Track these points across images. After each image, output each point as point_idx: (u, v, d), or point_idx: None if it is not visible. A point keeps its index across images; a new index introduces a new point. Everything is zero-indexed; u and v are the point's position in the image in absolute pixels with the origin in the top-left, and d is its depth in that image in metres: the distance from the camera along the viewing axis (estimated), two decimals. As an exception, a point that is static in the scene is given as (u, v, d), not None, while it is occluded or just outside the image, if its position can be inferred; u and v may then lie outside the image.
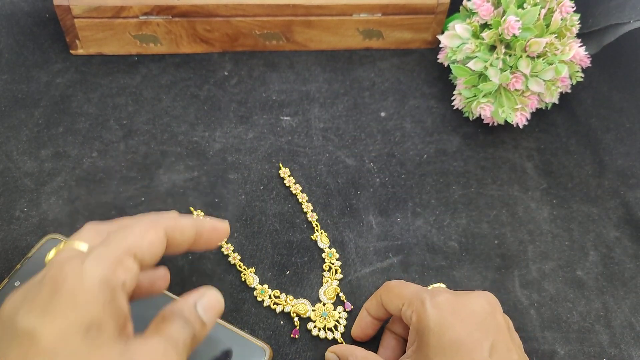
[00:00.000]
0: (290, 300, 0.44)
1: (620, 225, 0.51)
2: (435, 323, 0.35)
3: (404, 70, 0.60)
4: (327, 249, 0.47)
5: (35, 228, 0.46)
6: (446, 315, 0.35)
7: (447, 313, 0.35)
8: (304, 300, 0.44)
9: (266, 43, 0.59)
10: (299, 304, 0.43)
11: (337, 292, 0.44)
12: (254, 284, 0.44)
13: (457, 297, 0.36)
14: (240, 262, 0.45)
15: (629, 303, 0.46)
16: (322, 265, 0.46)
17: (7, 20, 0.58)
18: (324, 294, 0.44)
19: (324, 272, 0.45)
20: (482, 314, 0.36)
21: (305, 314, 0.43)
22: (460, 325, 0.35)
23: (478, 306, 0.36)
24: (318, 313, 0.43)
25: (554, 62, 0.50)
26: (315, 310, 0.43)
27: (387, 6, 0.57)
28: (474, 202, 0.51)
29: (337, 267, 0.46)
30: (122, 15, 0.54)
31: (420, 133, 0.55)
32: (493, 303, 0.37)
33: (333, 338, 0.42)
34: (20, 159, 0.50)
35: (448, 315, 0.35)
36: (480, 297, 0.37)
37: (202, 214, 0.48)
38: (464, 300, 0.36)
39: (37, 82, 0.55)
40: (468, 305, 0.36)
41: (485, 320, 0.35)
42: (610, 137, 0.57)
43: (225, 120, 0.54)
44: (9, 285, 0.41)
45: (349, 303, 0.44)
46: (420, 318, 0.36)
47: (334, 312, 0.43)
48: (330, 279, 0.45)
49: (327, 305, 0.44)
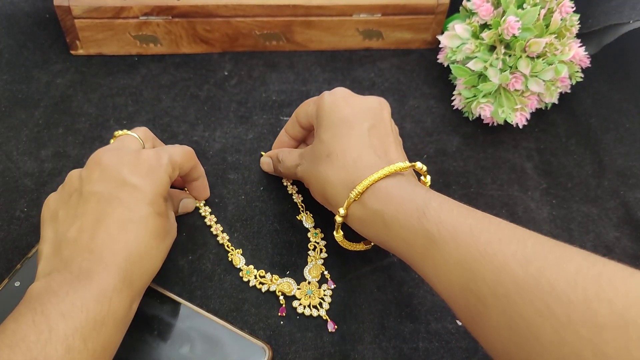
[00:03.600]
0: (275, 280, 0.44)
1: (620, 225, 0.51)
2: (329, 105, 0.42)
3: (404, 70, 0.60)
4: (312, 229, 0.47)
5: (35, 228, 0.46)
6: (339, 101, 0.42)
7: (340, 100, 0.42)
8: (289, 279, 0.45)
9: (266, 43, 0.59)
10: (284, 283, 0.44)
11: (322, 271, 0.45)
12: (240, 264, 0.45)
13: (352, 93, 0.43)
14: (229, 243, 0.46)
15: (629, 303, 0.46)
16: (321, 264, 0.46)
17: (7, 20, 0.59)
18: (308, 273, 0.45)
19: (309, 252, 0.46)
20: (369, 106, 0.42)
21: (290, 292, 0.44)
22: (348, 108, 0.41)
23: (368, 101, 0.42)
24: (303, 291, 0.44)
25: (554, 62, 0.50)
26: (301, 288, 0.44)
27: (387, 6, 0.57)
28: (474, 202, 0.51)
29: (322, 247, 0.46)
30: (122, 15, 0.54)
31: (420, 133, 0.55)
32: (383, 103, 0.43)
33: (318, 315, 0.43)
34: (20, 159, 0.50)
35: (340, 101, 0.42)
36: (372, 97, 0.43)
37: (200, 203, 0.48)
38: (358, 96, 0.43)
39: (37, 82, 0.55)
40: (360, 98, 0.43)
41: (371, 110, 0.42)
42: (610, 137, 0.57)
43: (225, 120, 0.54)
44: (9, 285, 0.41)
45: (332, 281, 0.45)
46: (319, 106, 0.43)
47: (318, 289, 0.44)
48: (314, 258, 0.46)
49: (312, 283, 0.44)
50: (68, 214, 0.37)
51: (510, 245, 0.31)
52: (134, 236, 0.36)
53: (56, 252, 0.35)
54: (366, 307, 0.43)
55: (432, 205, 0.35)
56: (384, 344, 0.42)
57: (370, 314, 0.43)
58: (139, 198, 0.37)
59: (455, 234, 0.33)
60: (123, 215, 0.36)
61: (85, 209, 0.36)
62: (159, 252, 0.38)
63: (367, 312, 0.43)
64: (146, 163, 0.38)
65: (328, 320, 0.43)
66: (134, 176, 0.37)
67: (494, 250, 0.31)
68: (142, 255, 0.36)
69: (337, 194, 0.39)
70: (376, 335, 0.43)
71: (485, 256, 0.31)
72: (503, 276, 0.30)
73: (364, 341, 0.42)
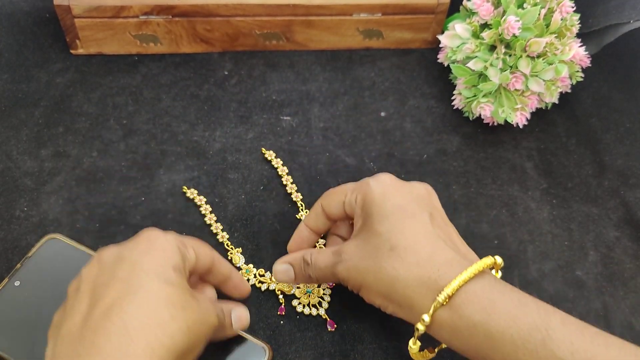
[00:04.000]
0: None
1: (620, 225, 0.51)
2: (379, 194, 0.38)
3: (404, 70, 0.60)
4: None
5: (35, 228, 0.46)
6: (389, 188, 0.39)
7: (389, 187, 0.39)
8: None
9: (266, 43, 0.59)
10: None
11: None
12: (239, 263, 0.45)
13: (398, 180, 0.40)
14: (228, 242, 0.46)
15: (629, 303, 0.46)
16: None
17: (7, 20, 0.58)
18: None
19: None
20: (420, 194, 0.39)
21: (289, 291, 0.44)
22: (401, 196, 0.38)
23: (416, 188, 0.40)
24: (302, 290, 0.44)
25: (554, 62, 0.50)
26: (300, 287, 0.44)
27: (387, 6, 0.57)
28: (474, 202, 0.51)
29: (322, 245, 0.46)
30: (122, 15, 0.54)
31: (420, 133, 0.55)
32: (430, 190, 0.40)
33: (317, 314, 0.43)
34: (20, 159, 0.50)
35: (390, 188, 0.39)
36: (418, 184, 0.40)
37: (196, 192, 0.48)
38: (404, 183, 0.40)
39: (37, 81, 0.55)
40: (407, 186, 0.40)
41: (423, 198, 0.39)
42: (610, 137, 0.57)
43: (225, 120, 0.54)
44: (9, 285, 0.41)
45: None
46: (365, 194, 0.39)
47: (318, 288, 0.44)
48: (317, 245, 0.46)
49: None
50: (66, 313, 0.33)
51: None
52: (135, 306, 0.31)
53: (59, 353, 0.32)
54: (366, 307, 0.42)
55: (554, 324, 0.31)
56: (384, 344, 0.42)
57: (371, 313, 0.43)
58: (137, 270, 0.32)
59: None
60: (122, 290, 0.32)
61: (84, 298, 0.33)
62: (174, 321, 0.31)
63: (367, 311, 0.43)
64: (144, 238, 0.35)
65: (327, 320, 0.43)
66: (132, 253, 0.34)
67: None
68: (151, 325, 0.31)
69: (413, 295, 0.35)
70: (376, 334, 0.43)
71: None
72: None
73: (364, 340, 0.42)
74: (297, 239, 0.44)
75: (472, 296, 0.33)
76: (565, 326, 0.31)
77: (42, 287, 0.41)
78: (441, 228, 0.37)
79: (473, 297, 0.33)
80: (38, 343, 0.38)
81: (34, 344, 0.38)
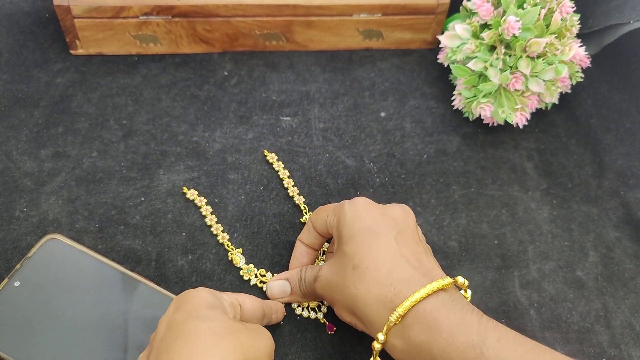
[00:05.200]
0: None
1: (620, 226, 0.51)
2: (350, 216, 0.39)
3: (404, 70, 0.60)
4: None
5: (35, 228, 0.46)
6: (360, 210, 0.39)
7: (362, 209, 0.39)
8: None
9: (266, 43, 0.59)
10: None
11: None
12: (240, 263, 0.45)
13: (373, 202, 0.40)
14: (229, 242, 0.46)
15: (629, 303, 0.46)
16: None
17: (7, 20, 0.58)
18: None
19: None
20: (393, 215, 0.39)
21: None
22: (371, 217, 0.38)
23: (390, 210, 0.40)
24: None
25: (554, 63, 0.50)
26: None
27: (387, 6, 0.57)
28: (474, 202, 0.51)
29: (324, 248, 0.46)
30: (122, 15, 0.54)
31: (420, 133, 0.55)
32: (406, 211, 0.40)
33: (316, 317, 0.43)
34: (20, 159, 0.50)
35: (362, 210, 0.39)
36: (395, 206, 0.40)
37: (196, 192, 0.48)
38: (380, 205, 0.40)
39: (37, 82, 0.55)
40: (382, 207, 0.40)
41: (394, 219, 0.39)
42: (610, 137, 0.57)
43: (225, 120, 0.54)
44: (9, 285, 0.41)
45: None
46: (339, 216, 0.40)
47: None
48: (317, 260, 0.46)
49: None
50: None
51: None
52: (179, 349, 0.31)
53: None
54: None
55: (490, 342, 0.32)
56: (384, 344, 0.42)
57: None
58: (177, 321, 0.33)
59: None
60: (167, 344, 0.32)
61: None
62: (220, 350, 0.31)
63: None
64: (179, 298, 0.35)
65: (326, 323, 0.43)
66: (172, 313, 0.34)
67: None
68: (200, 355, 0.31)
69: (372, 313, 0.35)
70: (376, 335, 0.43)
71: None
72: None
73: (364, 342, 0.42)
74: (296, 254, 0.45)
75: (422, 316, 0.34)
76: (499, 343, 0.32)
77: (42, 287, 0.41)
78: (408, 246, 0.37)
79: (422, 316, 0.34)
80: (38, 343, 0.38)
81: (34, 344, 0.38)
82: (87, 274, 0.42)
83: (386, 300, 0.35)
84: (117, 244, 0.45)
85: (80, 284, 0.41)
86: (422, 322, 0.34)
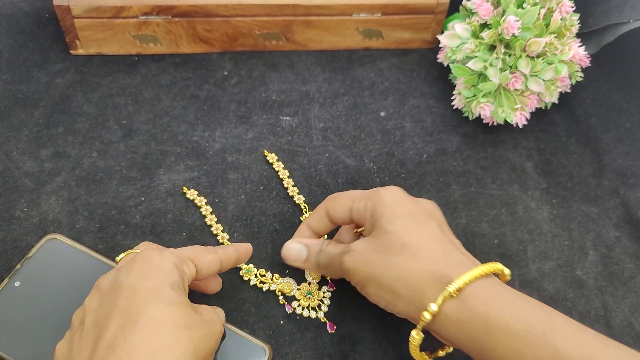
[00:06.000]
0: (276, 279, 0.44)
1: (620, 225, 0.51)
2: (390, 199, 0.40)
3: (404, 70, 0.60)
4: None
5: (35, 228, 0.46)
6: (400, 196, 0.40)
7: (401, 194, 0.40)
8: (289, 279, 0.45)
9: (266, 43, 0.59)
10: (285, 283, 0.44)
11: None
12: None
13: (407, 193, 0.41)
14: (229, 242, 0.46)
15: (629, 303, 0.46)
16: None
17: (7, 20, 0.58)
18: (309, 274, 0.45)
19: None
20: (428, 207, 0.41)
21: (290, 292, 0.44)
22: (411, 204, 0.40)
23: (424, 202, 0.41)
24: (303, 292, 0.44)
25: (554, 62, 0.50)
26: (301, 289, 0.44)
27: (387, 6, 0.57)
28: (474, 202, 0.51)
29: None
30: (122, 15, 0.54)
31: (420, 133, 0.55)
32: (436, 206, 0.42)
33: (316, 317, 0.43)
34: (20, 159, 0.50)
35: (401, 195, 0.40)
36: (426, 200, 0.42)
37: (196, 192, 0.48)
38: (412, 197, 0.41)
39: (37, 82, 0.55)
40: (416, 199, 0.41)
41: (432, 212, 0.40)
42: (610, 137, 0.57)
43: (225, 120, 0.54)
44: (9, 285, 0.41)
45: (332, 283, 0.45)
46: (376, 200, 0.40)
47: (318, 291, 0.44)
48: None
49: (312, 284, 0.45)
50: (73, 348, 0.33)
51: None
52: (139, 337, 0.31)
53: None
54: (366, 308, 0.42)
55: (559, 320, 0.33)
56: (384, 345, 0.42)
57: (370, 314, 0.43)
58: (135, 297, 0.33)
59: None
60: (124, 320, 0.32)
61: (90, 332, 0.33)
62: (179, 344, 0.32)
63: (367, 313, 0.43)
64: (139, 260, 0.35)
65: (327, 322, 0.43)
66: (129, 278, 0.34)
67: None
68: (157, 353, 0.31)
69: (425, 288, 0.36)
70: (376, 335, 0.43)
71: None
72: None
73: (365, 342, 0.42)
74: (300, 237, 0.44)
75: (480, 290, 0.35)
76: (567, 322, 0.33)
77: (42, 287, 0.41)
78: (448, 237, 0.39)
79: (481, 290, 0.35)
80: (38, 343, 0.39)
81: (34, 344, 0.38)
82: (87, 274, 0.42)
83: (442, 275, 0.35)
84: (118, 244, 0.45)
85: (81, 284, 0.41)
86: (482, 296, 0.34)
